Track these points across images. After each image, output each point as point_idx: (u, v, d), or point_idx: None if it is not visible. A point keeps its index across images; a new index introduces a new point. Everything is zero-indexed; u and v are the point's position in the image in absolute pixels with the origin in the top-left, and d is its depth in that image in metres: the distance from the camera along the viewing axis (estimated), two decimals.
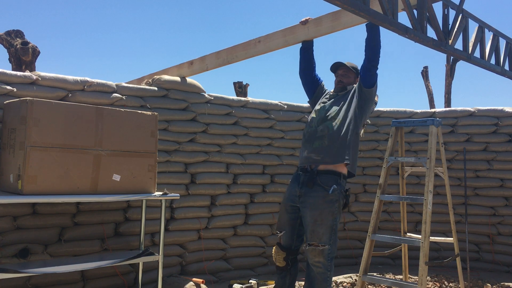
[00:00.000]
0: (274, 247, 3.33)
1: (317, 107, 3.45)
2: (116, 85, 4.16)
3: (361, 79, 3.30)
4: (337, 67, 3.54)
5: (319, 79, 3.68)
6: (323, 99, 3.50)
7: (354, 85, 3.44)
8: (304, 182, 3.15)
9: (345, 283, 4.65)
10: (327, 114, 3.29)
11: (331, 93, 3.51)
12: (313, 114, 3.42)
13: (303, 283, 3.56)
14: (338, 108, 3.29)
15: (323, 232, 3.02)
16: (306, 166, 3.22)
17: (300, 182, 3.18)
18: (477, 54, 3.74)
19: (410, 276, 4.58)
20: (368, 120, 5.64)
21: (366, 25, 3.28)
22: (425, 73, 9.14)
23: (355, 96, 3.32)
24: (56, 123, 3.15)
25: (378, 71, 3.32)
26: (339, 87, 3.46)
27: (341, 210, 3.14)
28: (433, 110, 5.90)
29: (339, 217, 3.13)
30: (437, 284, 4.68)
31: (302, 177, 3.20)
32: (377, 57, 3.27)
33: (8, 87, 3.53)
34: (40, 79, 3.72)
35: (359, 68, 3.45)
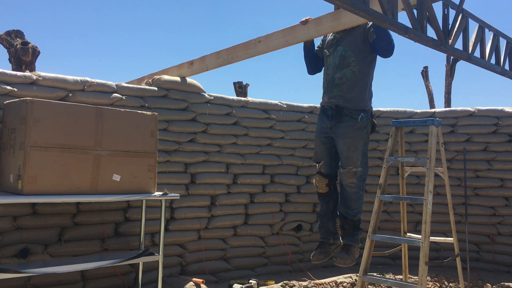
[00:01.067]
0: (315, 177, 3.58)
1: (327, 52, 3.56)
2: (116, 85, 4.16)
3: (381, 55, 3.41)
4: None
5: (316, 54, 3.80)
6: (328, 43, 3.59)
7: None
8: (333, 114, 3.40)
9: (345, 283, 4.65)
10: (342, 61, 3.42)
11: (334, 34, 3.59)
12: (326, 62, 3.55)
13: (302, 283, 3.56)
14: (352, 54, 3.44)
15: (356, 157, 3.34)
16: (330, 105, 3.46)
17: (329, 115, 3.42)
18: (477, 54, 3.73)
19: (410, 276, 4.58)
20: None
21: (371, 26, 3.33)
22: (425, 73, 9.15)
23: (366, 41, 3.42)
24: (56, 123, 3.15)
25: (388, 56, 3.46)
26: None
27: (369, 135, 3.44)
28: (433, 110, 5.90)
29: (368, 142, 3.44)
30: (437, 284, 4.68)
31: (329, 111, 3.43)
32: (391, 47, 3.35)
33: (8, 87, 3.53)
34: (40, 79, 3.72)
35: None
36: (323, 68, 3.66)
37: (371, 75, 3.48)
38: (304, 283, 4.55)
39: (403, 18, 5.04)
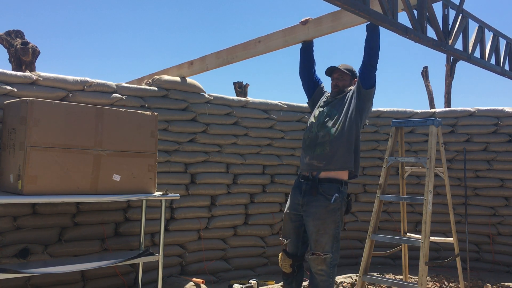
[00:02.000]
0: (280, 254, 3.37)
1: (316, 112, 3.41)
2: (116, 85, 4.16)
3: (361, 81, 3.26)
4: (331, 71, 3.50)
5: (319, 80, 3.66)
6: (321, 103, 3.47)
7: (351, 87, 3.40)
8: (306, 191, 3.18)
9: (345, 283, 4.65)
10: (327, 120, 3.26)
11: (328, 97, 3.47)
12: (312, 119, 3.39)
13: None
14: (337, 112, 3.25)
15: (326, 241, 3.07)
16: (307, 173, 3.23)
17: (302, 191, 3.20)
18: (477, 54, 3.74)
19: (410, 276, 4.58)
20: (367, 120, 5.64)
21: (366, 25, 3.26)
22: (425, 73, 9.15)
23: (353, 98, 3.27)
24: (56, 123, 3.15)
25: (377, 72, 3.30)
26: (335, 91, 3.42)
27: (343, 217, 3.17)
28: (433, 110, 5.90)
29: (341, 225, 3.17)
30: (437, 284, 4.68)
31: (304, 186, 3.21)
32: (376, 58, 3.24)
33: (8, 87, 3.53)
34: (40, 79, 3.72)
35: (354, 69, 3.43)
36: (307, 126, 3.43)
37: (356, 135, 3.24)
38: (304, 283, 4.55)
39: (403, 18, 5.04)
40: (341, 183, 3.16)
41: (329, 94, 3.51)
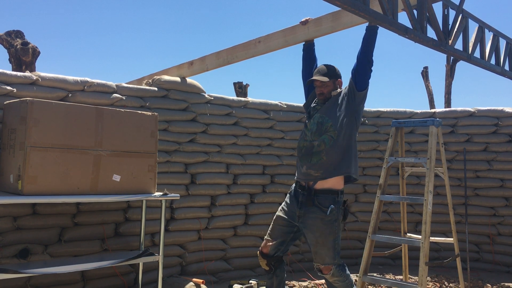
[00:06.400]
0: (258, 252, 3.40)
1: (308, 119, 3.36)
2: (116, 85, 4.16)
3: (356, 82, 3.16)
4: (311, 81, 3.36)
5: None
6: (311, 109, 3.39)
7: (338, 89, 3.29)
8: (303, 202, 3.16)
9: None
10: (320, 128, 3.20)
11: (317, 103, 3.39)
12: (305, 127, 3.33)
13: (302, 283, 3.57)
14: (330, 119, 3.16)
15: (325, 253, 3.09)
16: (304, 183, 3.21)
17: (299, 202, 3.18)
18: (477, 54, 3.74)
19: (410, 277, 4.58)
20: (366, 120, 5.63)
21: (366, 27, 3.21)
22: (425, 73, 9.16)
23: (346, 102, 3.18)
24: (56, 123, 3.15)
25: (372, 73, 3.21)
26: (321, 98, 3.31)
27: (340, 225, 3.17)
28: (433, 110, 5.90)
29: (340, 233, 3.17)
30: (437, 284, 4.68)
31: (300, 197, 3.19)
32: (372, 58, 3.17)
33: (8, 88, 3.53)
34: (40, 79, 3.72)
35: (333, 69, 3.29)
36: (301, 133, 3.37)
37: (352, 139, 3.19)
38: (304, 283, 4.55)
39: (403, 18, 5.04)
40: (337, 193, 3.13)
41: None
